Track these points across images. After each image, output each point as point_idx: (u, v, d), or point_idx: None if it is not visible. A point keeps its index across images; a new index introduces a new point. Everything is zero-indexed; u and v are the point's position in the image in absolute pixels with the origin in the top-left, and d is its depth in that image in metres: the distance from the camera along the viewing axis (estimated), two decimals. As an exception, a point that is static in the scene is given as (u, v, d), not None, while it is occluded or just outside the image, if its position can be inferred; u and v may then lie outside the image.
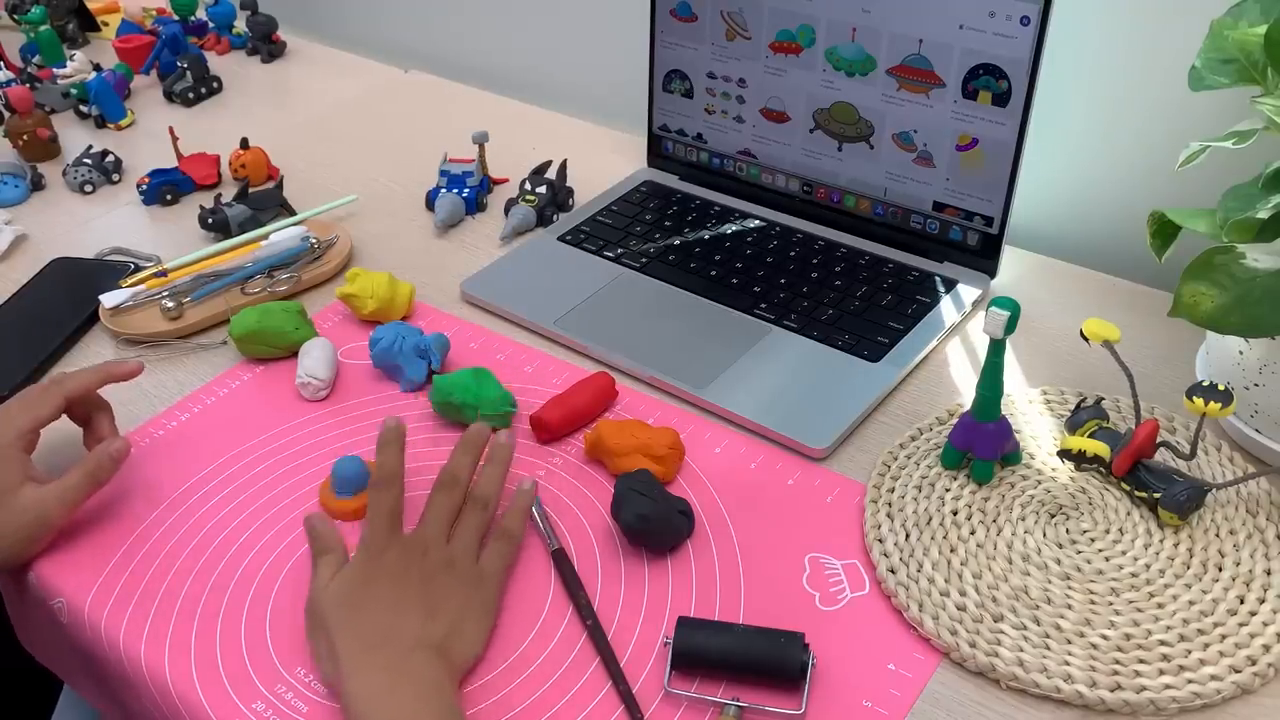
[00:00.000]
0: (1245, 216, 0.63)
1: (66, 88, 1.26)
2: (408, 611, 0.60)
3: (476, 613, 0.63)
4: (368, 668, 0.57)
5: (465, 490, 0.67)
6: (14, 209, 1.09)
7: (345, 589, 0.62)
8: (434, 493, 0.66)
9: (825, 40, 0.90)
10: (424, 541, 0.64)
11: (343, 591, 0.61)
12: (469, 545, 0.65)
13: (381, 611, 0.60)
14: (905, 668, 0.61)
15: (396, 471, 0.64)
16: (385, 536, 0.63)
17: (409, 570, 0.62)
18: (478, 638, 0.62)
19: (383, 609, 0.60)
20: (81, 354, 0.88)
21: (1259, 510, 0.67)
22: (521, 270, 0.94)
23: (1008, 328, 0.63)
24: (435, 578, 0.62)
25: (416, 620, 0.60)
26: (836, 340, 0.83)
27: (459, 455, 0.67)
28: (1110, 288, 0.90)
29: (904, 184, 0.91)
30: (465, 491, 0.67)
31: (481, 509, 0.66)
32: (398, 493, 0.64)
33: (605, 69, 1.21)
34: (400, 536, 0.64)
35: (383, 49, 1.41)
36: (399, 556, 0.63)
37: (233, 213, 1.00)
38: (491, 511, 0.67)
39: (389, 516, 0.63)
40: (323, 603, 0.61)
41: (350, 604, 0.61)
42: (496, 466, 0.68)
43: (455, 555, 0.64)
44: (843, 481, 0.72)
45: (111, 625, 0.66)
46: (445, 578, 0.63)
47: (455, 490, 0.66)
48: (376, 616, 0.60)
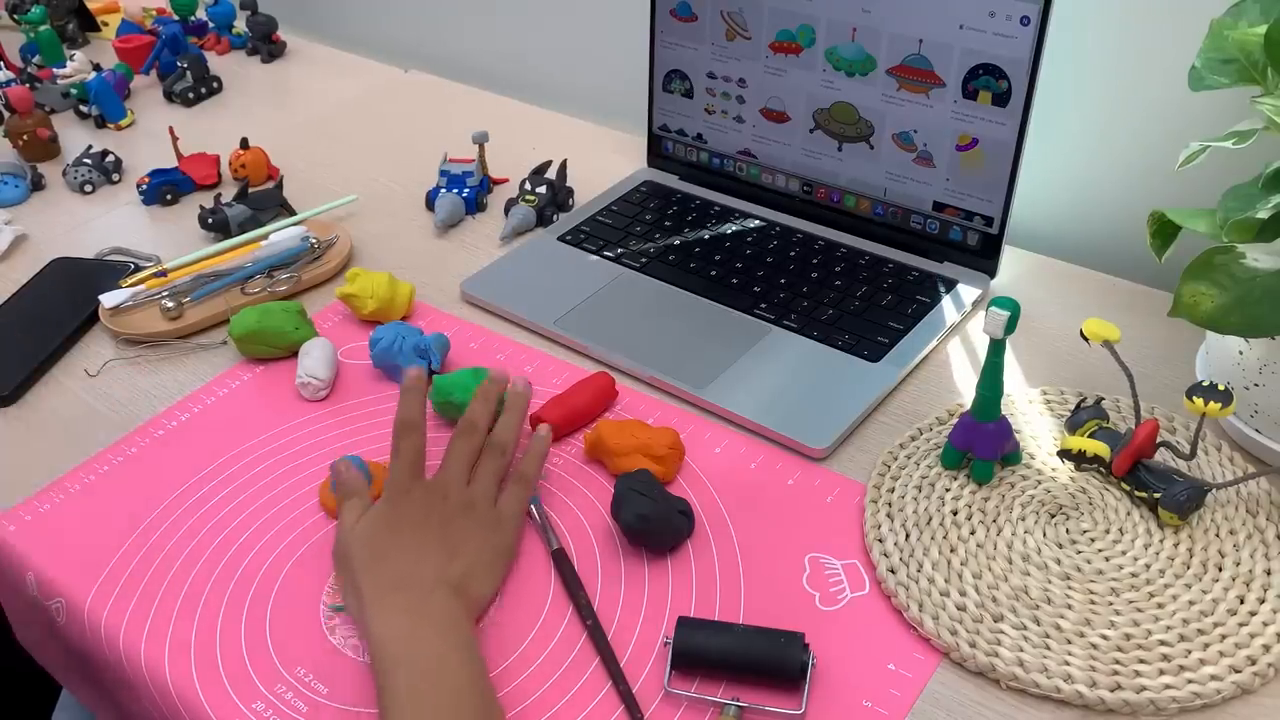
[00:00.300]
0: (1245, 216, 0.63)
1: (66, 88, 1.27)
2: (428, 554, 0.63)
3: (494, 553, 0.66)
4: (391, 609, 0.60)
5: (484, 436, 0.70)
6: (14, 209, 1.09)
7: (370, 532, 0.64)
8: (454, 439, 0.69)
9: (825, 40, 0.90)
10: (445, 485, 0.67)
11: (367, 534, 0.64)
12: (488, 488, 0.68)
13: (404, 556, 0.63)
14: (905, 668, 0.61)
15: (418, 418, 0.67)
16: (408, 480, 0.66)
17: (430, 514, 0.65)
18: (494, 576, 0.65)
19: (405, 553, 0.63)
20: (82, 354, 0.88)
21: (1259, 510, 0.67)
22: (521, 270, 0.94)
23: (1008, 328, 0.63)
24: (455, 520, 0.65)
25: (437, 561, 0.63)
26: (836, 340, 0.83)
27: (477, 404, 0.70)
28: (1110, 288, 0.90)
29: (904, 184, 0.91)
30: (484, 438, 0.70)
31: (500, 454, 0.69)
32: (420, 438, 0.67)
33: (605, 69, 1.21)
34: (423, 481, 0.67)
35: (383, 49, 1.41)
36: (421, 500, 0.65)
37: (233, 213, 1.00)
38: (509, 456, 0.70)
39: (412, 462, 0.66)
40: (349, 544, 0.64)
41: (374, 546, 0.63)
42: (513, 413, 0.71)
43: (475, 498, 0.67)
44: (843, 481, 0.72)
45: (111, 625, 0.66)
46: (465, 520, 0.66)
47: (474, 436, 0.69)
48: (399, 561, 0.62)
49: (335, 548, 0.66)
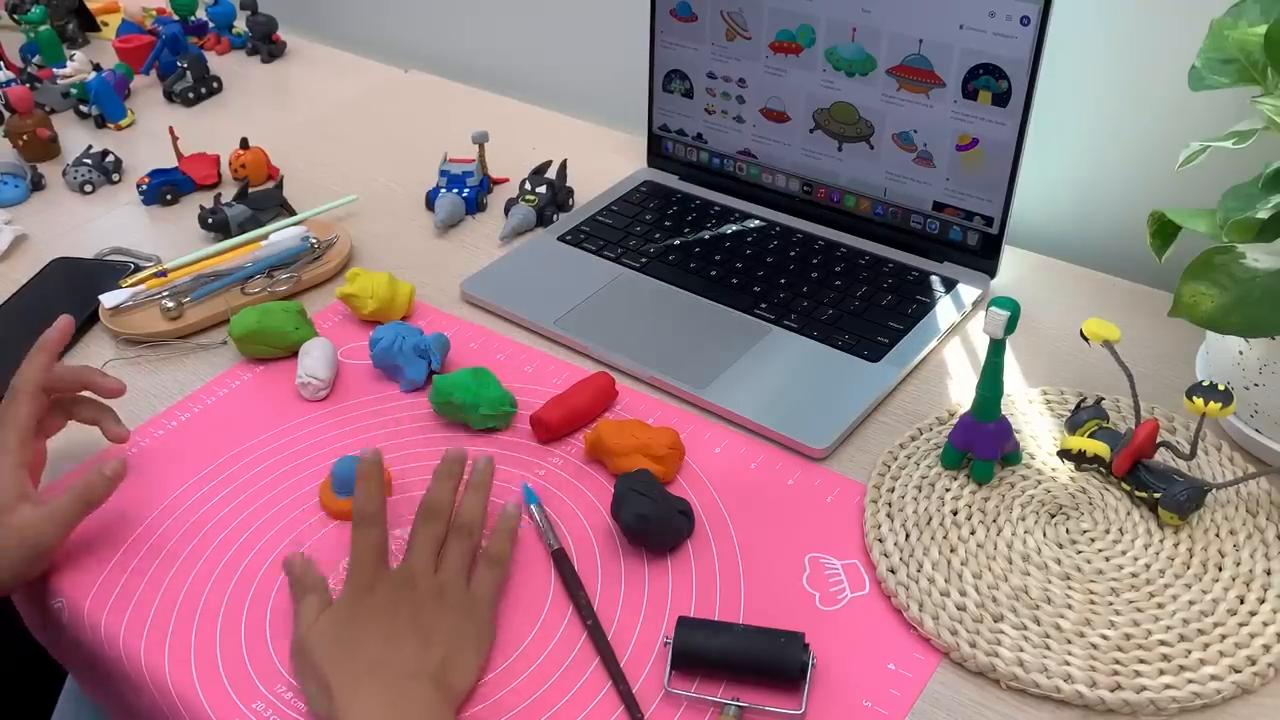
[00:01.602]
0: (1245, 216, 0.63)
1: (66, 88, 1.26)
2: (401, 642, 0.59)
3: (471, 639, 0.61)
4: (365, 698, 0.56)
5: (449, 518, 0.65)
6: (14, 209, 1.09)
7: (333, 627, 0.60)
8: (417, 524, 0.64)
9: (825, 40, 0.90)
10: (411, 573, 0.62)
11: (331, 629, 0.60)
12: (457, 571, 0.63)
13: (374, 644, 0.59)
14: (905, 668, 0.61)
15: (378, 507, 0.62)
16: (372, 573, 0.61)
17: (399, 604, 0.61)
18: (474, 665, 0.61)
19: (375, 641, 0.59)
20: (82, 354, 0.88)
21: (1259, 510, 0.67)
22: (521, 270, 0.94)
23: (1008, 328, 0.63)
24: (426, 607, 0.61)
25: (411, 649, 0.59)
26: (836, 340, 0.83)
27: (439, 483, 0.65)
28: (1110, 288, 0.90)
29: (904, 184, 0.91)
30: (449, 520, 0.65)
31: (467, 536, 0.65)
32: (381, 529, 0.62)
33: (605, 69, 1.21)
34: (387, 571, 0.62)
35: (383, 49, 1.41)
36: (388, 591, 0.61)
37: (233, 213, 1.00)
38: (477, 538, 0.65)
39: (374, 553, 0.62)
40: (310, 642, 0.60)
41: (340, 640, 0.59)
42: (478, 491, 0.67)
43: (445, 583, 0.62)
44: (843, 481, 0.72)
45: (111, 625, 0.66)
46: (436, 606, 0.61)
47: (438, 520, 0.64)
48: (369, 648, 0.59)
49: (294, 647, 0.61)
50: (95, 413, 0.75)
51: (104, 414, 0.75)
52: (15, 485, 0.67)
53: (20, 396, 0.70)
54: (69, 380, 0.74)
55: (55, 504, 0.67)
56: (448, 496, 0.65)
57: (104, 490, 0.68)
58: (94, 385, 0.75)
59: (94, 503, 0.68)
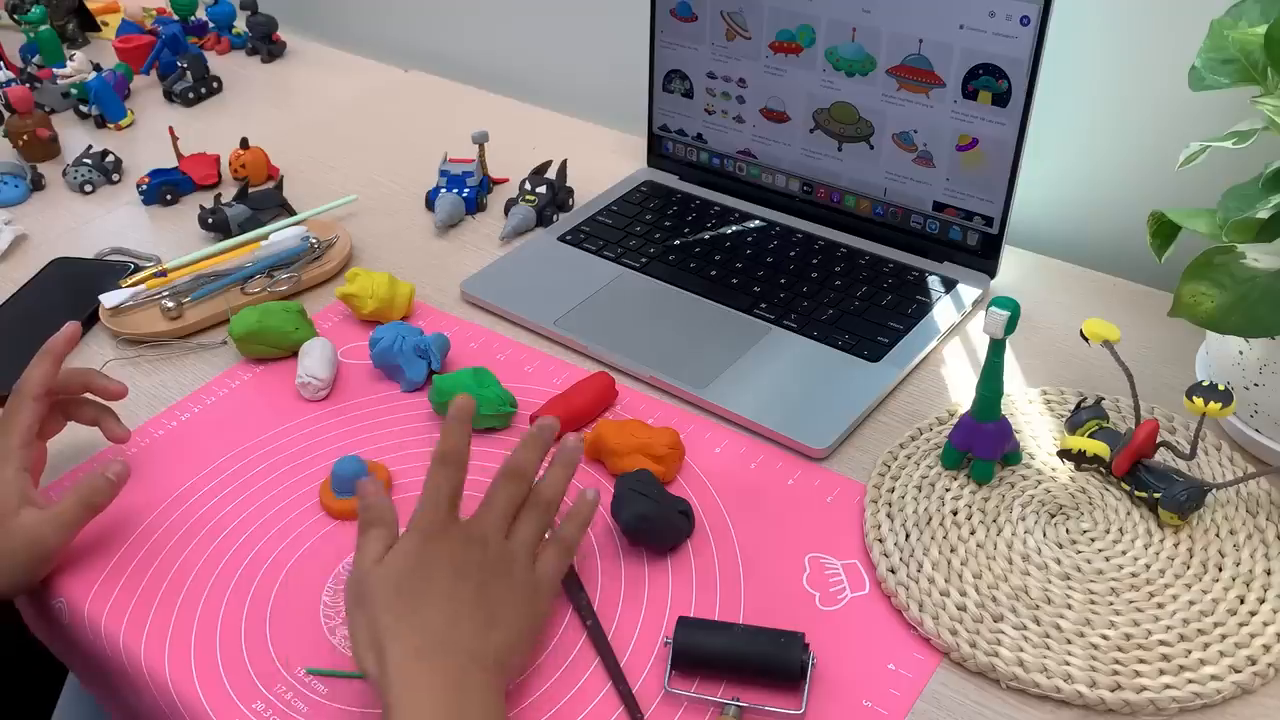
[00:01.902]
0: (1245, 216, 0.63)
1: (66, 88, 1.26)
2: (465, 615, 0.57)
3: (529, 627, 0.60)
4: (421, 683, 0.53)
5: (529, 485, 0.63)
6: (14, 209, 1.09)
7: (398, 574, 0.57)
8: (499, 482, 0.62)
9: (825, 40, 0.90)
10: (484, 531, 0.60)
11: (396, 576, 0.57)
12: (529, 545, 0.61)
13: (438, 611, 0.56)
14: (905, 668, 0.61)
15: (463, 450, 0.60)
16: (444, 519, 0.59)
17: (468, 563, 0.58)
18: (528, 654, 0.59)
19: (440, 607, 0.56)
20: (82, 354, 0.88)
21: (1259, 510, 0.67)
22: (521, 270, 0.94)
23: (1008, 328, 0.63)
24: (493, 581, 0.58)
25: (473, 629, 0.56)
26: (836, 340, 0.83)
27: (526, 450, 0.63)
28: (1110, 288, 0.90)
29: (904, 184, 0.91)
30: (529, 487, 0.63)
31: (545, 510, 0.62)
32: (461, 474, 0.60)
33: (605, 69, 1.21)
34: (459, 522, 0.60)
35: (383, 49, 1.41)
36: (458, 544, 0.59)
37: (233, 213, 1.00)
38: (552, 516, 0.63)
39: (450, 497, 0.60)
40: (372, 584, 0.57)
41: (403, 594, 0.57)
42: (564, 469, 0.64)
43: (515, 554, 0.60)
44: (843, 481, 0.72)
45: (111, 625, 0.66)
46: (504, 582, 0.59)
47: (521, 483, 0.62)
48: (432, 616, 0.56)
49: (351, 582, 0.58)
50: (96, 414, 0.75)
51: (104, 415, 0.75)
52: (18, 489, 0.67)
53: (24, 401, 0.70)
54: (72, 384, 0.74)
55: (59, 507, 0.67)
56: (535, 461, 0.63)
57: (107, 493, 0.68)
58: (96, 388, 0.75)
59: (97, 506, 0.68)
